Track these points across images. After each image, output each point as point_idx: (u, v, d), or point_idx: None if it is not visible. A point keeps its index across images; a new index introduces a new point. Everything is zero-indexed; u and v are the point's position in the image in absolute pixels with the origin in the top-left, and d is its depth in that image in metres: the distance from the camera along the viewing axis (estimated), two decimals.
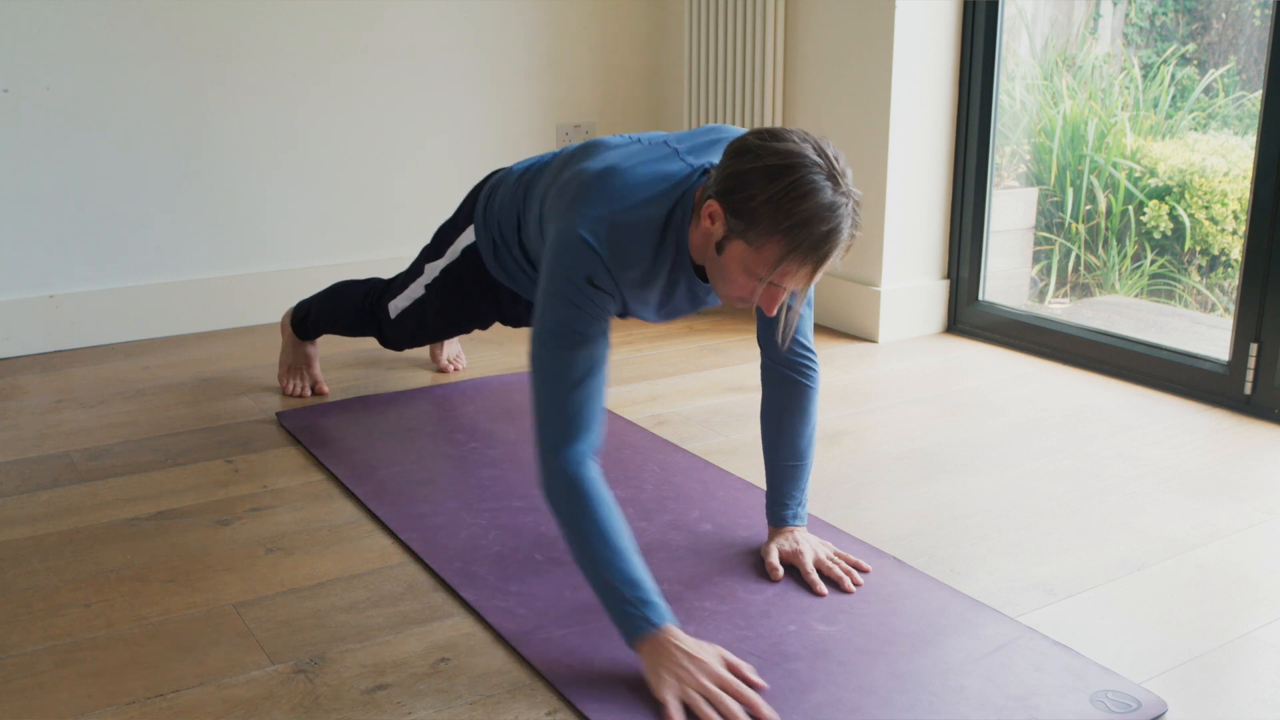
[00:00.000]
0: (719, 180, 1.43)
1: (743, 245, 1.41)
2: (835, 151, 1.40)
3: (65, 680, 1.45)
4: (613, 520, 1.46)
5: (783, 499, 1.75)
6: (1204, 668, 1.49)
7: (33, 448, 2.22)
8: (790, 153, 1.37)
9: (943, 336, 3.00)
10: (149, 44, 2.81)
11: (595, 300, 1.50)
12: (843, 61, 2.90)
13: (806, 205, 1.35)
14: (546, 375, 1.51)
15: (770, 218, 1.37)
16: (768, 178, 1.36)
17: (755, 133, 1.43)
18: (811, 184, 1.35)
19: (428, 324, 2.23)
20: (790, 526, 1.74)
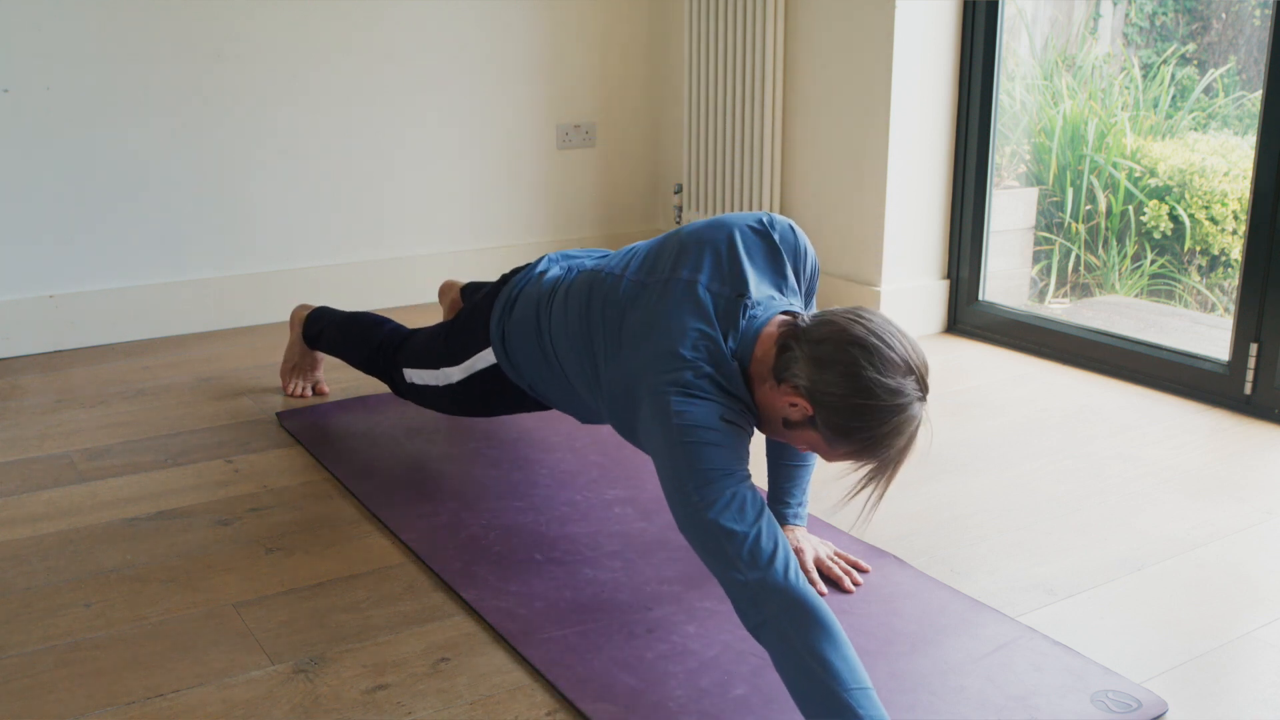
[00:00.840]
0: (815, 385, 1.37)
1: (820, 440, 1.41)
2: (922, 358, 1.38)
3: (65, 680, 1.45)
4: (846, 644, 1.28)
5: (783, 498, 1.75)
6: (1204, 668, 1.49)
7: (33, 448, 2.22)
8: (900, 392, 1.34)
9: (943, 336, 3.00)
10: (149, 44, 2.81)
11: (733, 434, 1.44)
12: (843, 61, 2.90)
13: (901, 439, 1.37)
14: (730, 520, 1.35)
15: (868, 449, 1.38)
16: (880, 418, 1.35)
17: (860, 348, 1.34)
18: (913, 420, 1.36)
19: (442, 407, 2.14)
20: (790, 526, 1.75)
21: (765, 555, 1.32)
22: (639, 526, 1.86)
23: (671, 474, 1.41)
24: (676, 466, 1.40)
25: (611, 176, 3.57)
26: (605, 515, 1.90)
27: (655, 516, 1.90)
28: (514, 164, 3.37)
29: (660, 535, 1.83)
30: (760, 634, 1.31)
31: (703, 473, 1.38)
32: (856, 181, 2.92)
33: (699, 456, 1.39)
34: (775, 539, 1.35)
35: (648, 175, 3.64)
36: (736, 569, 1.33)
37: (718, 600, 1.63)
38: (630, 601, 1.63)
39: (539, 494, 1.99)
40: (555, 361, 1.78)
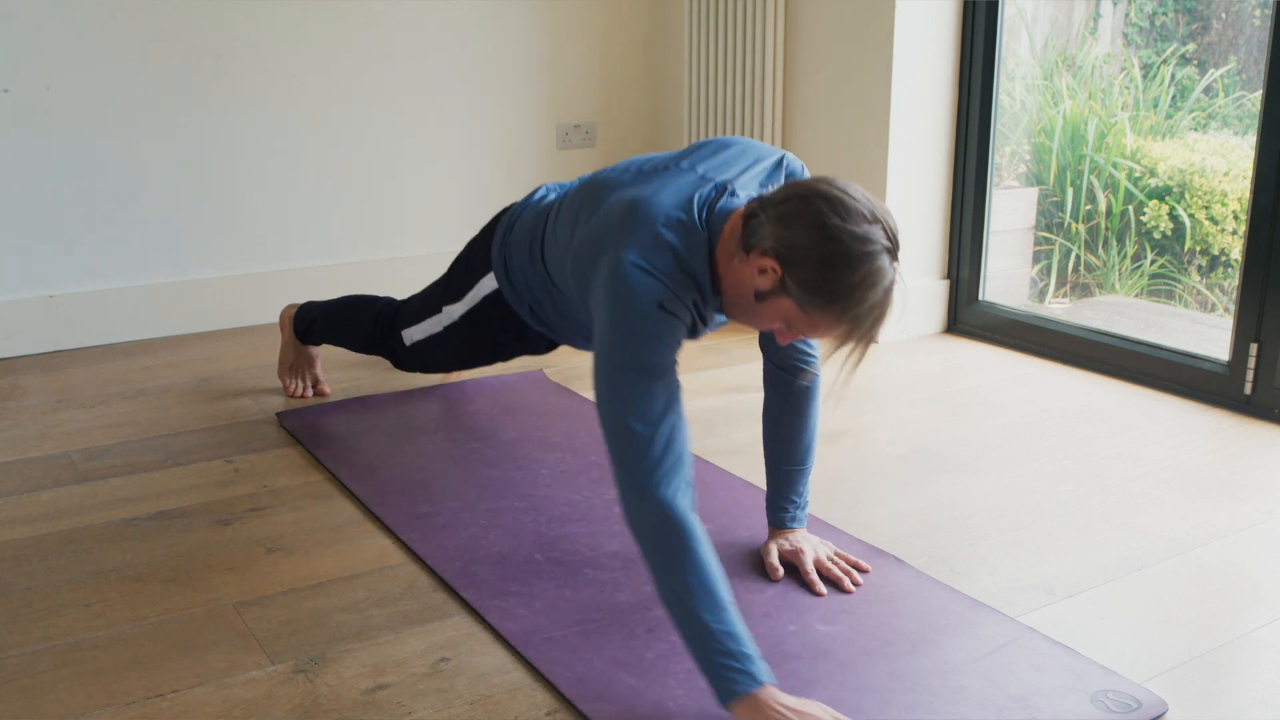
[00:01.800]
0: (782, 243, 1.37)
1: (793, 307, 1.39)
2: (888, 210, 1.39)
3: (65, 680, 1.45)
4: (712, 566, 1.36)
5: (782, 502, 1.75)
6: (1204, 668, 1.49)
7: (33, 448, 2.22)
8: (867, 239, 1.34)
9: (943, 336, 3.00)
10: (149, 44, 2.81)
11: (668, 325, 1.45)
12: (843, 61, 2.90)
13: (875, 293, 1.35)
14: (629, 414, 1.40)
15: (839, 302, 1.35)
16: (846, 266, 1.34)
17: (824, 199, 1.37)
18: (883, 274, 1.35)
19: (446, 358, 2.18)
20: (790, 528, 1.75)
21: (657, 463, 1.38)
22: None
23: (603, 351, 1.45)
24: (610, 347, 1.44)
25: None
26: (605, 515, 1.90)
27: None
28: (514, 164, 3.37)
29: None
30: (634, 532, 1.40)
31: (625, 363, 1.42)
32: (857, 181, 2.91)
33: (627, 345, 1.43)
34: (675, 450, 1.40)
35: None
36: (628, 468, 1.40)
37: None
38: (630, 601, 1.63)
39: (539, 494, 1.99)
40: (552, 270, 1.81)
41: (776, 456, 1.74)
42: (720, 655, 1.31)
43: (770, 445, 1.75)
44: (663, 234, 1.48)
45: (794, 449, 1.74)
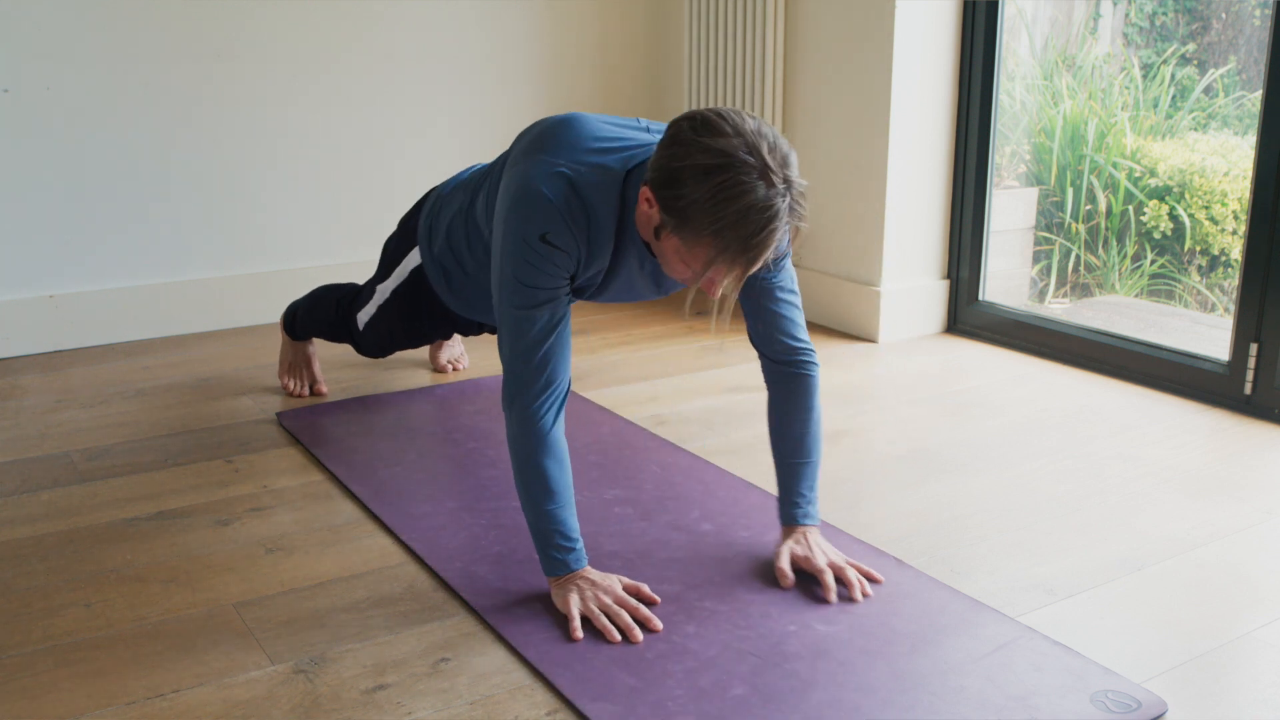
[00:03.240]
0: (653, 168, 1.40)
1: (676, 239, 1.40)
2: (773, 140, 1.36)
3: (65, 680, 1.45)
4: (558, 471, 1.56)
5: (792, 498, 1.72)
6: (1204, 668, 1.49)
7: (33, 448, 2.22)
8: (720, 151, 1.32)
9: (943, 336, 3.00)
10: (149, 44, 2.81)
11: (552, 258, 1.50)
12: (843, 61, 2.90)
13: (735, 207, 1.32)
14: (508, 329, 1.55)
15: (699, 219, 1.34)
16: (696, 177, 1.33)
17: (690, 120, 1.38)
18: (740, 185, 1.31)
19: (389, 339, 2.21)
20: (801, 526, 1.70)
21: (529, 382, 1.54)
22: (639, 526, 1.86)
23: (496, 265, 1.56)
24: (501, 263, 1.54)
25: None
26: (605, 515, 1.90)
27: (655, 516, 1.90)
28: None
29: (660, 535, 1.83)
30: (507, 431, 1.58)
31: (513, 281, 1.52)
32: (856, 181, 2.92)
33: (517, 266, 1.51)
34: (547, 372, 1.53)
35: None
36: (506, 380, 1.56)
37: (718, 600, 1.63)
38: None
39: None
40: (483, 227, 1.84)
41: (782, 451, 1.72)
42: (553, 546, 1.58)
43: (776, 440, 1.73)
44: (581, 161, 1.50)
45: (798, 440, 1.71)
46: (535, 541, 1.61)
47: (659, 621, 1.56)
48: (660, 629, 1.55)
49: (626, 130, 1.59)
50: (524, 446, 1.57)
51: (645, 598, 1.62)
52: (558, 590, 1.60)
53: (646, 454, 2.17)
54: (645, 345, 2.90)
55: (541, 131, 1.58)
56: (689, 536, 1.83)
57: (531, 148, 1.56)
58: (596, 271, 1.60)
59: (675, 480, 2.05)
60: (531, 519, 1.60)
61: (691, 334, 2.99)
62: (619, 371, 2.67)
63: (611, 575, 1.62)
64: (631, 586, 1.62)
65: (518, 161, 1.56)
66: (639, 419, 2.36)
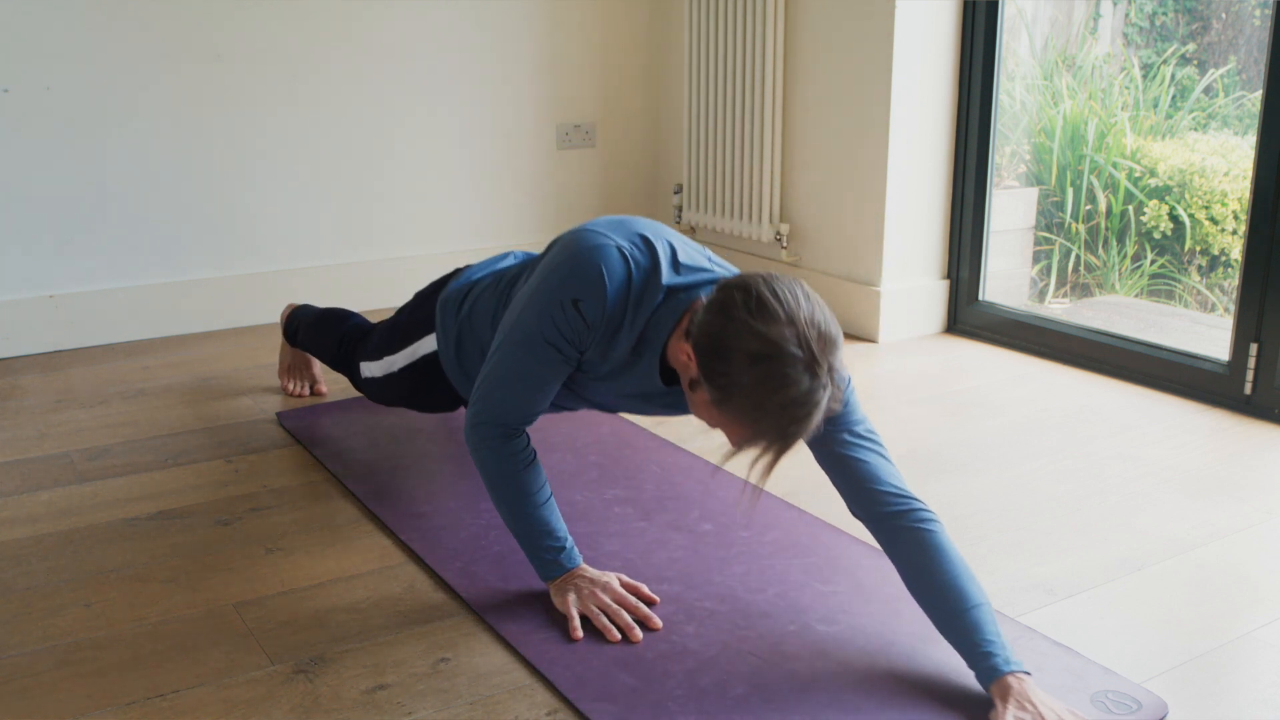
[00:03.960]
0: (700, 332, 1.36)
1: (711, 402, 1.36)
2: (824, 326, 1.32)
3: (65, 680, 1.45)
4: (531, 479, 1.58)
5: (982, 647, 1.38)
6: (1204, 668, 1.49)
7: (33, 448, 2.22)
8: (771, 340, 1.29)
9: (943, 336, 3.00)
10: (149, 44, 2.81)
11: (573, 325, 1.49)
12: (843, 61, 2.90)
13: (777, 399, 1.29)
14: (503, 363, 1.56)
15: (739, 402, 1.32)
16: (743, 362, 1.30)
17: (744, 292, 1.34)
18: (786, 378, 1.29)
19: (390, 399, 2.15)
20: (1009, 675, 1.36)
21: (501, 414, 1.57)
22: (639, 526, 1.86)
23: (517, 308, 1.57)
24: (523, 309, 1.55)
25: (611, 176, 3.57)
26: (605, 515, 1.90)
27: (655, 516, 1.90)
28: (514, 164, 3.37)
29: (660, 535, 1.83)
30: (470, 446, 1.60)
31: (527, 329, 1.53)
32: (856, 181, 2.92)
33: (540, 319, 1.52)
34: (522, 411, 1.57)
35: (648, 175, 3.64)
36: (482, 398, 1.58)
37: (718, 600, 1.63)
38: None
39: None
40: None
41: (943, 608, 1.42)
42: (543, 549, 1.59)
43: (927, 603, 1.45)
44: (639, 249, 1.50)
45: (957, 591, 1.42)
46: (525, 550, 1.62)
47: (658, 620, 1.56)
48: (659, 627, 1.55)
49: (700, 258, 1.56)
50: (494, 467, 1.58)
51: (644, 597, 1.62)
52: (556, 590, 1.60)
53: (646, 454, 2.17)
54: None
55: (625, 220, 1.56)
56: (689, 536, 1.83)
57: (612, 224, 1.54)
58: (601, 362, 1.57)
59: (675, 480, 2.05)
60: (516, 528, 1.61)
61: None
62: None
63: (609, 573, 1.63)
64: (630, 585, 1.62)
65: (593, 227, 1.54)
66: (639, 419, 2.36)
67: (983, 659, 1.37)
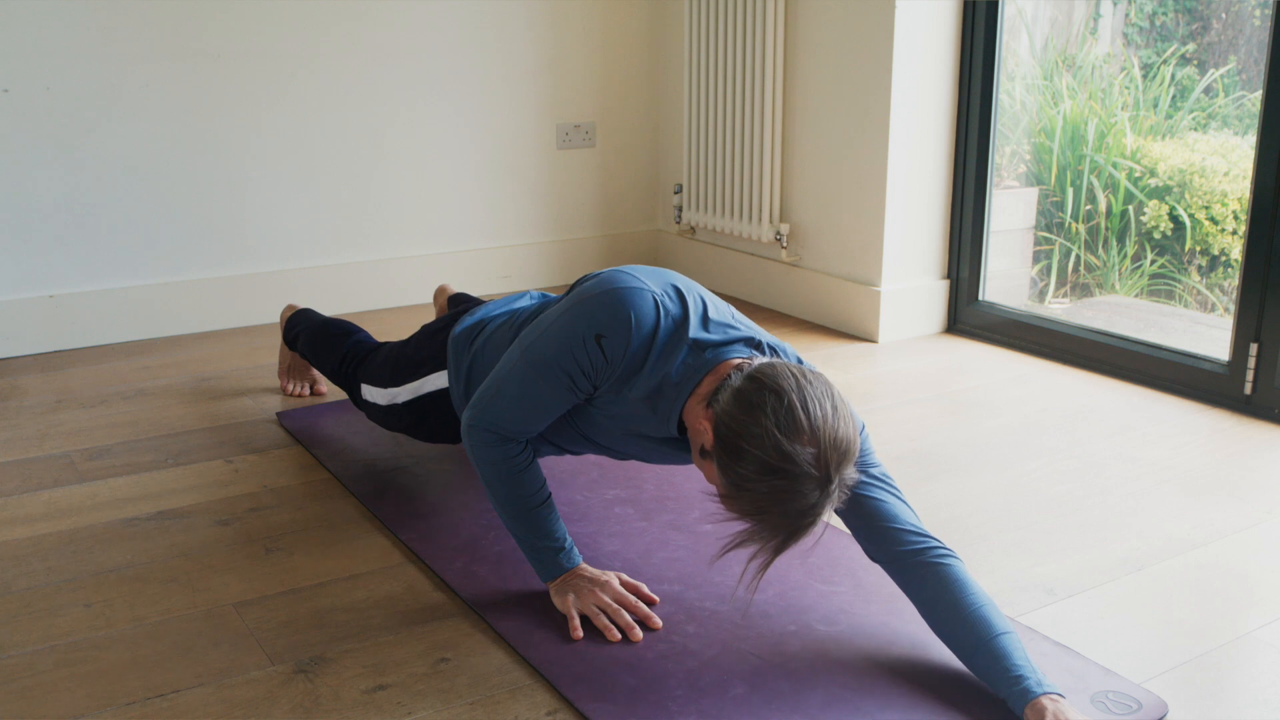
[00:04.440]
0: (723, 417, 1.36)
1: (716, 475, 1.38)
2: (846, 443, 1.32)
3: (65, 680, 1.45)
4: (530, 481, 1.59)
5: (1013, 673, 1.37)
6: (1204, 668, 1.49)
7: (33, 448, 2.22)
8: (790, 457, 1.29)
9: (943, 336, 3.00)
10: (149, 44, 2.81)
11: (593, 359, 1.49)
12: (843, 61, 2.90)
13: (782, 509, 1.31)
14: (512, 379, 1.56)
15: (746, 500, 1.33)
16: (758, 469, 1.31)
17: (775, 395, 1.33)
18: (797, 494, 1.30)
19: (390, 425, 2.13)
20: (1046, 695, 1.34)
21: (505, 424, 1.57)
22: (639, 526, 1.86)
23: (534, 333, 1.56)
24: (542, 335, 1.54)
25: (611, 176, 3.56)
26: (605, 515, 1.90)
27: (655, 516, 1.90)
28: (514, 164, 3.37)
29: (660, 535, 1.83)
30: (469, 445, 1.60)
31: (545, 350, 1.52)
32: (856, 181, 2.92)
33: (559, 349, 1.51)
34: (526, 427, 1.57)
35: (648, 175, 3.64)
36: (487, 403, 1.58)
37: (718, 600, 1.63)
38: None
39: None
40: None
41: (969, 640, 1.42)
42: (542, 550, 1.60)
43: (952, 637, 1.45)
44: (668, 297, 1.50)
45: (981, 621, 1.41)
46: (524, 551, 1.62)
47: (658, 619, 1.56)
48: (659, 626, 1.56)
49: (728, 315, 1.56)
50: (493, 468, 1.58)
51: (644, 596, 1.62)
52: (556, 591, 1.60)
53: None
54: None
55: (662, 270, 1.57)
56: (689, 536, 1.83)
57: (648, 272, 1.54)
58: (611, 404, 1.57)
59: (675, 480, 2.05)
60: (515, 530, 1.61)
61: None
62: None
63: (609, 572, 1.63)
64: (630, 584, 1.63)
65: (630, 270, 1.54)
66: None
67: (1014, 683, 1.36)
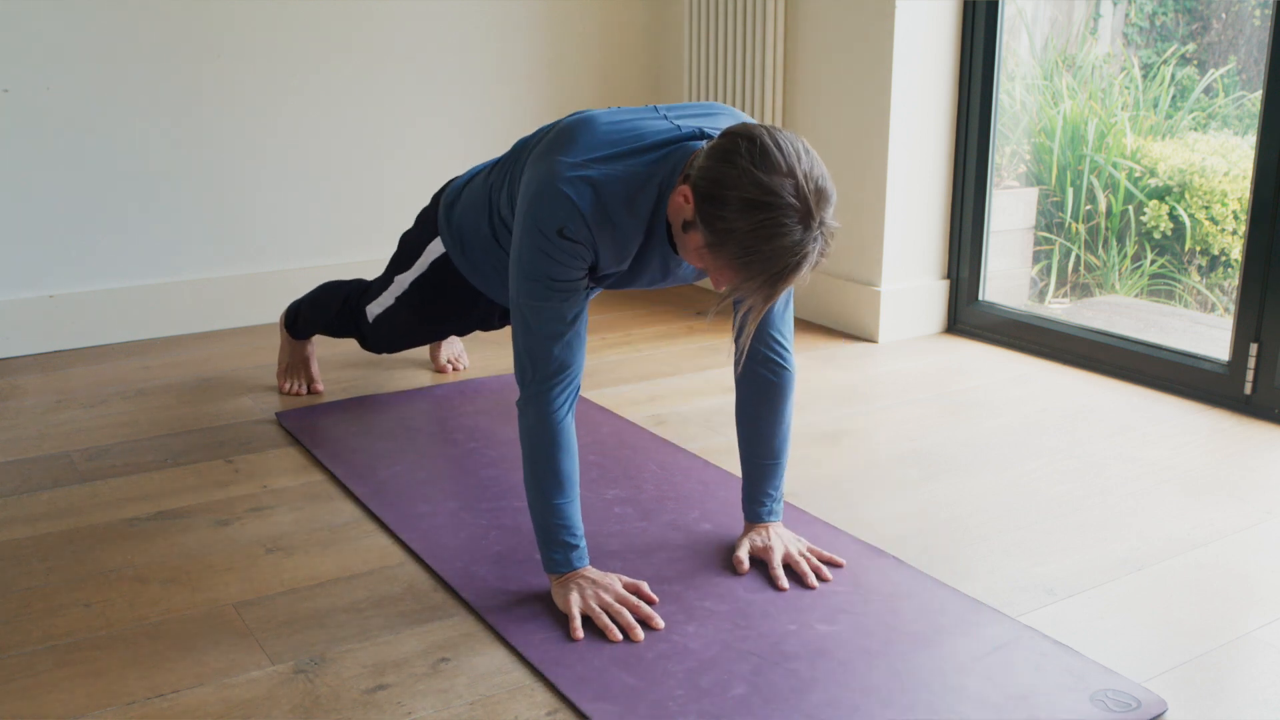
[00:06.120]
0: (700, 174, 1.39)
1: (704, 245, 1.40)
2: (820, 182, 1.35)
3: (65, 680, 1.45)
4: (570, 465, 1.59)
5: (758, 496, 1.76)
6: (1204, 668, 1.49)
7: (33, 448, 2.22)
8: (770, 189, 1.33)
9: (943, 336, 3.00)
10: (149, 44, 2.81)
11: (568, 251, 1.51)
12: (843, 61, 2.90)
13: (769, 247, 1.33)
14: (524, 321, 1.56)
15: (732, 246, 1.35)
16: (741, 208, 1.33)
17: (749, 140, 1.36)
18: (780, 227, 1.33)
19: (402, 331, 2.20)
20: (765, 523, 1.75)
21: (547, 375, 1.55)
22: (639, 526, 1.86)
23: (515, 259, 1.56)
24: (519, 259, 1.55)
25: None
26: (605, 515, 1.90)
27: (655, 516, 1.90)
28: None
29: (660, 535, 1.83)
30: (520, 423, 1.60)
31: (530, 273, 1.53)
32: (856, 181, 2.92)
33: (535, 258, 1.52)
34: (565, 364, 1.55)
35: None
36: (523, 370, 1.57)
37: (717, 600, 1.63)
38: None
39: None
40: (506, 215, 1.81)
41: (751, 450, 1.74)
42: (557, 542, 1.59)
43: (745, 440, 1.75)
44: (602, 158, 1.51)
45: (769, 443, 1.73)
46: (539, 536, 1.61)
47: (660, 619, 1.57)
48: (662, 626, 1.56)
49: (644, 121, 1.57)
50: (537, 437, 1.57)
51: (646, 596, 1.62)
52: (558, 589, 1.60)
53: (646, 454, 2.17)
54: (645, 345, 2.90)
55: (561, 131, 1.57)
56: (689, 536, 1.83)
57: (552, 147, 1.55)
58: (618, 269, 1.60)
59: (675, 480, 2.05)
60: (538, 513, 1.60)
61: (692, 334, 2.99)
62: (619, 371, 2.67)
63: (611, 574, 1.63)
64: (631, 585, 1.63)
65: (540, 159, 1.56)
66: (639, 419, 2.36)
67: (756, 504, 1.74)
